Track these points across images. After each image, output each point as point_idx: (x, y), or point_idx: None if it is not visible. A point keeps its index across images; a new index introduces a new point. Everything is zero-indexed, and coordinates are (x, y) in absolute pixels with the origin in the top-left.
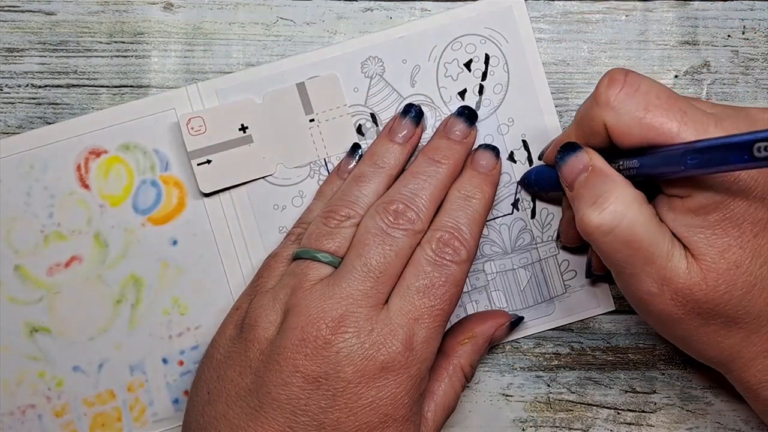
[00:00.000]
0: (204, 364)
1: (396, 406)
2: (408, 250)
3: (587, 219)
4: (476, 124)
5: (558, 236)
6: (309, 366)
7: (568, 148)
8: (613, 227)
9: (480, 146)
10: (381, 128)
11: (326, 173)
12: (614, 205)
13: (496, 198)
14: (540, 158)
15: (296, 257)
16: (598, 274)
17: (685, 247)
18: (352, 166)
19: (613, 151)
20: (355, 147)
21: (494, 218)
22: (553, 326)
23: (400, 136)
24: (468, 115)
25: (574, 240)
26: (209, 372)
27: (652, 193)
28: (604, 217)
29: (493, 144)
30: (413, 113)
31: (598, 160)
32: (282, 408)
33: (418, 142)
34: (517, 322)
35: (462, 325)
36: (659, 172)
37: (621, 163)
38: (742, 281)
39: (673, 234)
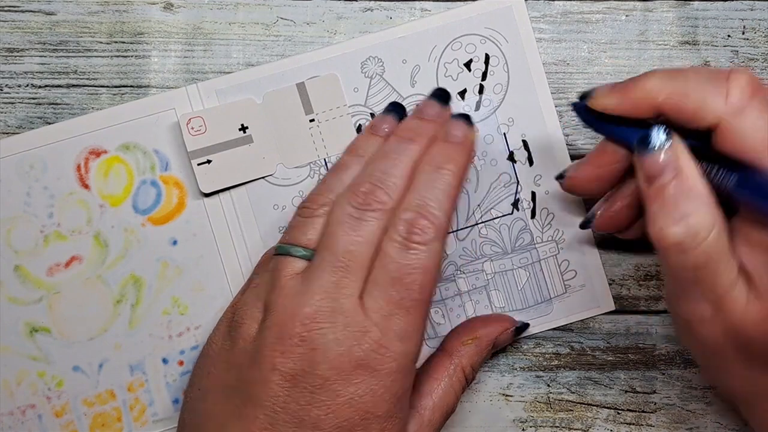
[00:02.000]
0: (198, 362)
1: (376, 403)
2: (379, 234)
3: (665, 234)
4: (450, 104)
5: (561, 176)
6: (286, 363)
7: (655, 136)
8: (690, 249)
9: (453, 115)
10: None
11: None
12: (696, 227)
13: (496, 198)
14: (583, 99)
15: (275, 253)
16: (601, 232)
17: (750, 280)
18: None
19: (687, 133)
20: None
21: (494, 218)
22: (553, 326)
23: (382, 128)
24: (440, 95)
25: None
26: (202, 369)
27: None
28: (684, 237)
29: (466, 113)
30: (395, 109)
31: (686, 164)
32: (263, 406)
33: None
34: (522, 328)
35: (466, 326)
36: (758, 202)
37: (714, 169)
38: None
39: (742, 263)
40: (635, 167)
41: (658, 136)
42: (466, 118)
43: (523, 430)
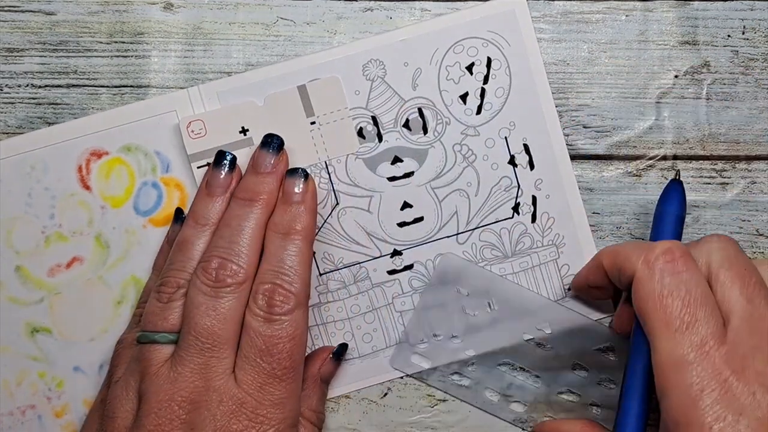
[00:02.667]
0: None
1: None
2: (238, 307)
3: None
4: (284, 149)
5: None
6: None
7: None
8: None
9: (286, 173)
10: (381, 129)
11: (326, 176)
12: None
13: (496, 202)
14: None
15: (138, 341)
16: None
17: None
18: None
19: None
20: (179, 213)
21: (495, 222)
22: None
23: (217, 188)
24: (272, 143)
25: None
26: None
27: None
28: None
29: (300, 167)
30: (226, 162)
31: None
32: None
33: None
34: (340, 351)
35: None
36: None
37: None
38: None
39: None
40: None
41: None
42: (301, 172)
43: (523, 430)
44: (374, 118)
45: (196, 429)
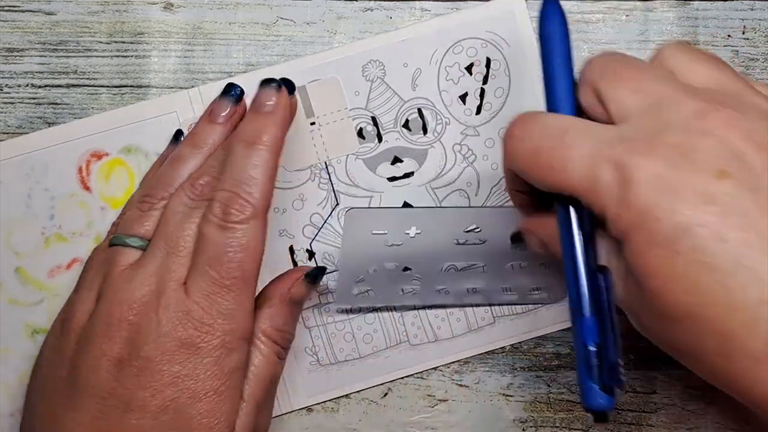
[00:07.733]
0: (35, 362)
1: (202, 381)
2: None
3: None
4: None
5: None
6: (113, 348)
7: None
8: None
9: (261, 82)
10: (381, 130)
11: (326, 176)
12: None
13: (496, 202)
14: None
15: (110, 244)
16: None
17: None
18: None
19: None
20: (178, 134)
21: None
22: (554, 330)
23: (221, 116)
24: (273, 82)
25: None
26: (37, 368)
27: None
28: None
29: (275, 78)
30: (234, 93)
31: None
32: (92, 394)
33: (240, 120)
34: (316, 273)
35: (259, 294)
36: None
37: None
38: None
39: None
40: None
41: None
42: (273, 82)
43: (523, 430)
44: (374, 119)
45: (141, 332)
